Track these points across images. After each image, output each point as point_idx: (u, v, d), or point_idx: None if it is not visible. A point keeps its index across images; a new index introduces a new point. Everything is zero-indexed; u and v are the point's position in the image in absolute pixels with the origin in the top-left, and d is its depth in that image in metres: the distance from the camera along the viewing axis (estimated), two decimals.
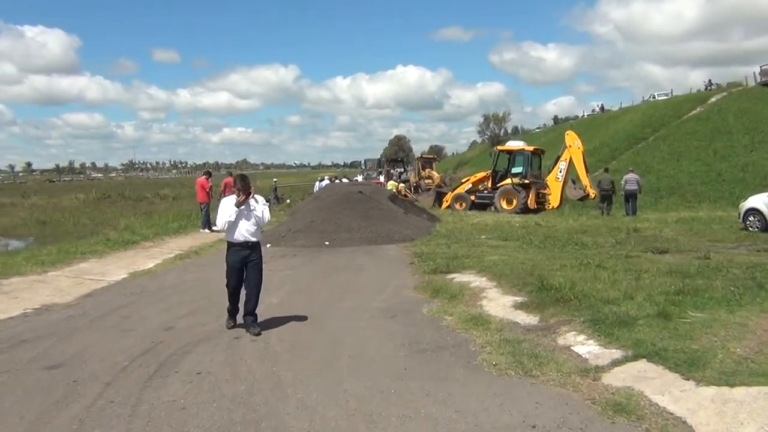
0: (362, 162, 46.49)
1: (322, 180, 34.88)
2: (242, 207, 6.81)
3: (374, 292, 9.05)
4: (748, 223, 15.67)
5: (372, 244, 14.84)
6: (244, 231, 6.92)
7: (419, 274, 10.41)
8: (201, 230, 18.31)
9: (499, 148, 27.66)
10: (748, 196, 17.02)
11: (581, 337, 5.83)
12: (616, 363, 5.08)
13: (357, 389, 4.92)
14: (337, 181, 33.75)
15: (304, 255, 13.35)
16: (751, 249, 12.25)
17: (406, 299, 8.42)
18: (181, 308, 8.32)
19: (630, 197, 23.19)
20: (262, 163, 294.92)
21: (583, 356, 5.38)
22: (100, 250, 13.74)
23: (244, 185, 6.91)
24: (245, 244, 6.98)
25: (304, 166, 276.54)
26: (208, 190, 18.85)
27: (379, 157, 64.32)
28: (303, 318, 7.44)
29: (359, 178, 39.88)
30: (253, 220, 6.95)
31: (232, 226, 6.86)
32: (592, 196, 24.45)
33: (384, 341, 6.31)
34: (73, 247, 13.93)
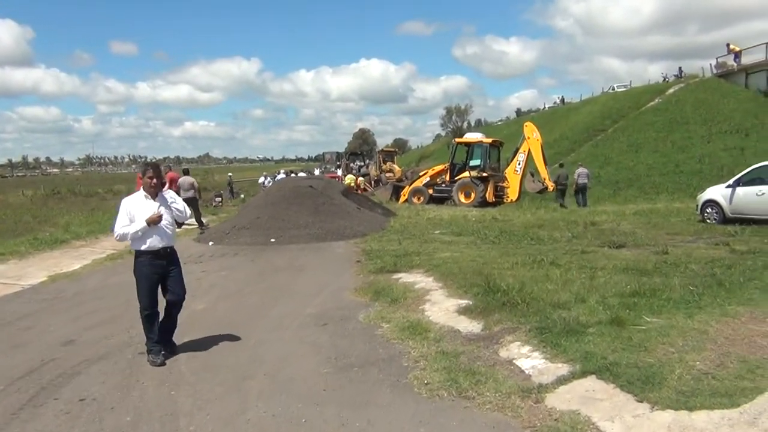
0: (321, 155, 45.60)
1: (266, 176, 33.82)
2: (159, 208, 5.56)
3: (311, 295, 8.32)
4: (706, 215, 15.36)
5: (321, 241, 14.10)
6: (162, 234, 5.62)
7: (364, 273, 9.72)
8: None
9: (457, 140, 27.12)
10: (706, 188, 16.75)
11: (526, 349, 5.19)
12: (562, 380, 4.44)
13: (262, 418, 4.20)
14: (293, 175, 32.75)
15: (246, 254, 12.55)
16: (709, 242, 11.86)
17: (343, 304, 7.71)
18: (92, 317, 7.48)
19: (581, 190, 24.06)
20: (225, 158, 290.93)
21: (527, 372, 4.74)
22: (23, 250, 12.72)
23: (158, 175, 5.62)
24: (163, 252, 5.69)
25: (268, 160, 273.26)
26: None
27: (343, 150, 63.41)
28: (224, 328, 6.67)
29: (317, 172, 38.96)
30: (169, 219, 5.69)
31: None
32: (551, 188, 24.09)
33: (308, 356, 5.59)
34: None
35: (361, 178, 37.03)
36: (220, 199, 28.04)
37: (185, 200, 17.47)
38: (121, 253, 12.94)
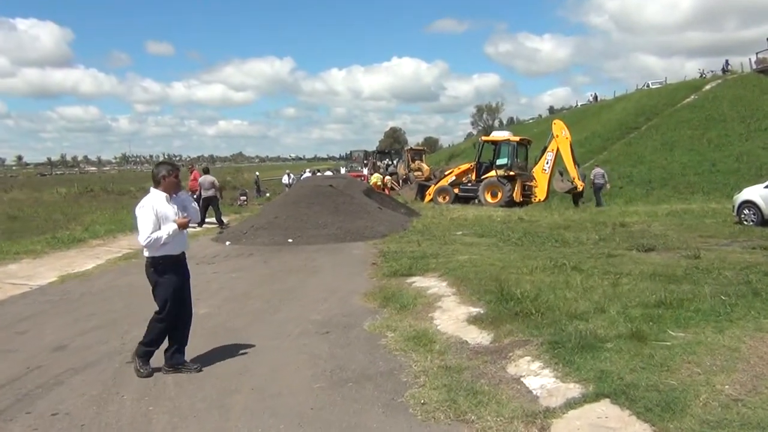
0: (348, 154, 45.15)
1: (290, 174, 33.56)
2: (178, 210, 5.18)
3: (319, 299, 7.98)
4: (742, 216, 14.61)
5: (339, 242, 13.78)
6: (182, 238, 5.30)
7: (377, 277, 9.36)
8: None
9: (484, 138, 26.55)
10: (743, 188, 15.98)
11: (536, 365, 4.75)
12: (572, 404, 4.00)
13: None
14: (318, 173, 32.53)
15: (261, 254, 12.28)
16: (745, 246, 11.20)
17: (350, 309, 7.34)
18: (91, 320, 7.24)
19: (597, 191, 23.98)
20: (258, 156, 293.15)
21: (534, 392, 4.30)
22: (39, 249, 12.65)
23: (176, 175, 5.25)
24: (183, 257, 5.37)
25: (300, 158, 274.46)
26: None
27: (374, 149, 63.04)
28: (222, 335, 6.37)
29: (343, 171, 38.64)
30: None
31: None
32: (580, 188, 23.38)
33: (303, 367, 5.23)
34: (8, 246, 12.82)
35: (388, 177, 36.65)
36: (245, 198, 27.90)
37: (205, 199, 17.63)
38: (136, 252, 12.74)
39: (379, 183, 33.50)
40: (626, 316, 5.69)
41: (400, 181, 35.83)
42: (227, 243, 14.06)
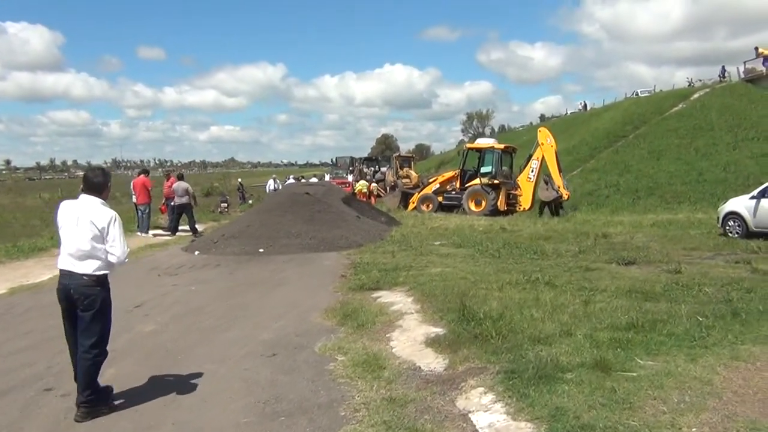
0: (332, 160, 44.47)
1: (276, 180, 32.91)
2: None
3: (275, 316, 7.50)
4: (727, 228, 14.24)
5: (313, 252, 13.31)
6: None
7: (343, 291, 8.89)
8: (140, 234, 16.73)
9: (468, 145, 26.12)
10: (729, 198, 15.62)
11: (488, 398, 4.28)
12: None
13: None
14: (303, 180, 31.99)
15: (228, 265, 11.79)
16: (728, 260, 10.82)
17: (306, 327, 6.86)
18: (24, 339, 6.74)
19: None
20: (249, 162, 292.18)
21: None
22: None
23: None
24: None
25: (292, 164, 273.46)
26: (150, 189, 17.26)
27: (366, 155, 62.52)
28: (160, 357, 5.88)
29: (327, 177, 38.05)
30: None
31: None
32: (565, 197, 22.98)
33: (236, 397, 4.74)
34: None
35: (374, 184, 36.17)
36: (226, 204, 27.32)
37: (179, 206, 17.07)
38: None
39: (365, 190, 33.05)
40: (593, 341, 5.24)
41: (388, 189, 35.35)
42: (196, 252, 13.56)
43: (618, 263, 10.46)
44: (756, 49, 41.55)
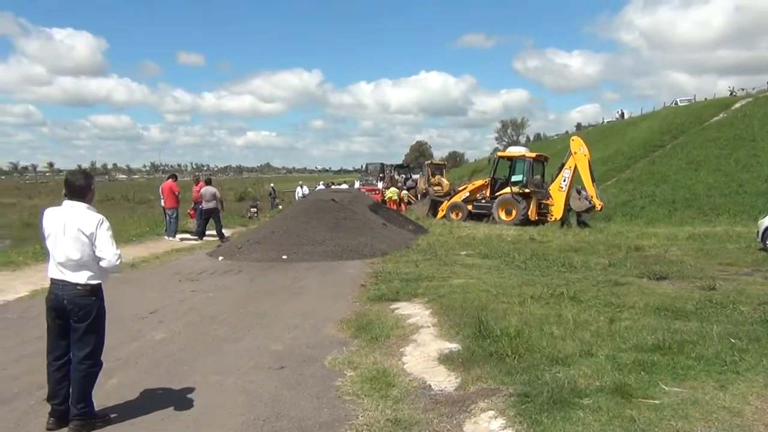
0: (363, 166, 44.26)
1: (303, 186, 32.87)
2: None
3: (289, 326, 7.33)
4: (767, 243, 13.64)
5: (336, 259, 13.15)
6: None
7: (361, 301, 8.70)
8: (168, 238, 16.80)
9: (500, 154, 25.73)
10: None
11: (498, 423, 4.02)
12: None
13: None
14: (333, 186, 31.95)
15: (250, 272, 11.69)
16: (767, 276, 10.31)
17: (318, 339, 6.67)
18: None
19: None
20: (285, 167, 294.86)
21: None
22: (21, 261, 12.21)
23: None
24: None
25: (327, 170, 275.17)
26: (177, 194, 17.33)
27: (401, 162, 62.34)
28: (166, 367, 5.74)
29: (357, 184, 37.95)
30: None
31: None
32: (599, 207, 22.43)
33: (236, 413, 4.56)
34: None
35: (405, 192, 35.96)
36: (255, 209, 27.38)
37: (206, 211, 17.11)
38: (122, 266, 12.30)
39: (395, 197, 32.86)
40: (615, 363, 4.93)
41: (419, 196, 35.07)
42: (220, 258, 13.51)
43: (649, 278, 10.07)
44: None
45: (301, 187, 31.83)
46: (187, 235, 17.80)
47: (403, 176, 42.31)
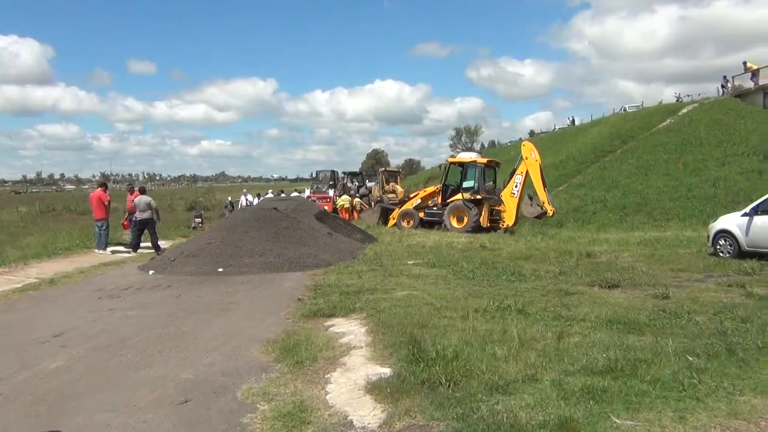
0: (312, 173, 43.32)
1: (246, 194, 31.79)
2: None
3: (208, 349, 6.55)
4: (718, 247, 13.42)
5: (276, 271, 12.38)
6: None
7: (294, 318, 8.00)
8: (98, 251, 15.71)
9: (451, 159, 25.23)
10: (719, 216, 14.82)
11: None
12: None
13: None
14: (282, 195, 30.97)
15: (180, 287, 10.83)
16: (720, 282, 10.00)
17: (237, 364, 5.92)
18: None
19: None
20: (240, 176, 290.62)
21: None
22: None
23: None
24: None
25: (283, 179, 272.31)
26: (106, 204, 16.27)
27: (358, 170, 61.55)
28: (50, 404, 4.91)
29: (307, 192, 37.05)
30: None
31: None
32: (550, 213, 22.16)
33: None
34: None
35: (357, 199, 35.29)
36: (200, 220, 26.18)
37: (140, 222, 16.10)
38: (39, 283, 11.30)
39: (347, 205, 32.16)
40: (561, 390, 4.34)
41: (373, 203, 34.44)
42: (150, 272, 12.58)
43: (600, 286, 9.63)
44: (744, 63, 41.27)
45: (245, 196, 30.76)
46: (121, 248, 16.77)
47: (356, 184, 41.66)
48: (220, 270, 12.35)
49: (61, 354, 6.48)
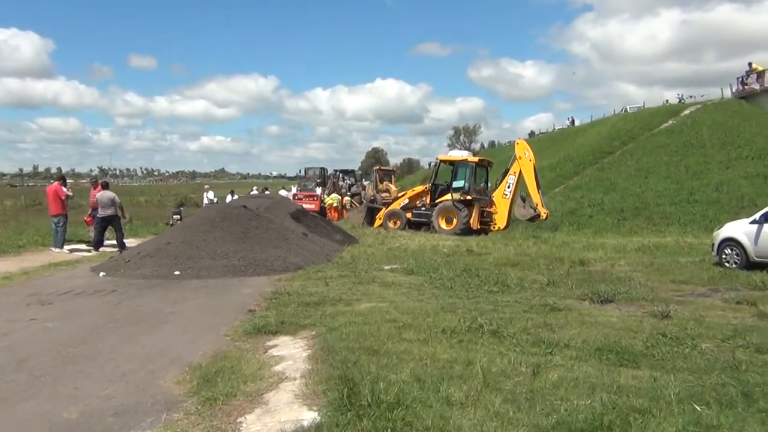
0: (301, 170, 42.06)
1: (234, 193, 30.53)
2: None
3: (115, 375, 5.43)
4: (723, 257, 12.31)
5: (238, 275, 11.31)
6: None
7: (236, 334, 6.91)
8: (55, 250, 14.60)
9: (441, 158, 24.01)
10: (724, 223, 13.71)
11: None
12: None
13: None
14: (267, 192, 29.84)
15: (126, 292, 9.74)
16: (728, 298, 8.90)
17: (139, 399, 4.80)
18: None
19: None
20: (239, 173, 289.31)
21: None
22: None
23: None
24: None
25: (282, 176, 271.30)
26: (64, 199, 15.15)
27: (357, 168, 60.53)
28: None
29: (294, 190, 35.83)
30: None
31: None
32: (544, 216, 21.04)
33: None
34: None
35: (347, 198, 34.22)
36: (179, 216, 24.96)
37: (103, 219, 14.94)
38: None
39: (336, 204, 31.02)
40: None
41: (363, 202, 33.33)
42: (101, 274, 11.49)
43: (592, 300, 8.55)
44: (749, 64, 40.18)
45: (207, 193, 29.49)
46: (82, 246, 15.66)
47: (348, 182, 40.52)
48: (177, 273, 11.26)
49: None
